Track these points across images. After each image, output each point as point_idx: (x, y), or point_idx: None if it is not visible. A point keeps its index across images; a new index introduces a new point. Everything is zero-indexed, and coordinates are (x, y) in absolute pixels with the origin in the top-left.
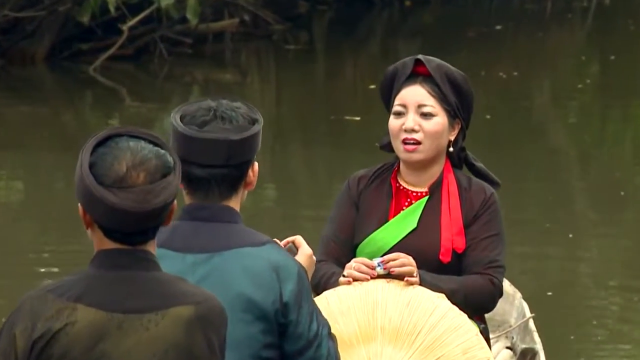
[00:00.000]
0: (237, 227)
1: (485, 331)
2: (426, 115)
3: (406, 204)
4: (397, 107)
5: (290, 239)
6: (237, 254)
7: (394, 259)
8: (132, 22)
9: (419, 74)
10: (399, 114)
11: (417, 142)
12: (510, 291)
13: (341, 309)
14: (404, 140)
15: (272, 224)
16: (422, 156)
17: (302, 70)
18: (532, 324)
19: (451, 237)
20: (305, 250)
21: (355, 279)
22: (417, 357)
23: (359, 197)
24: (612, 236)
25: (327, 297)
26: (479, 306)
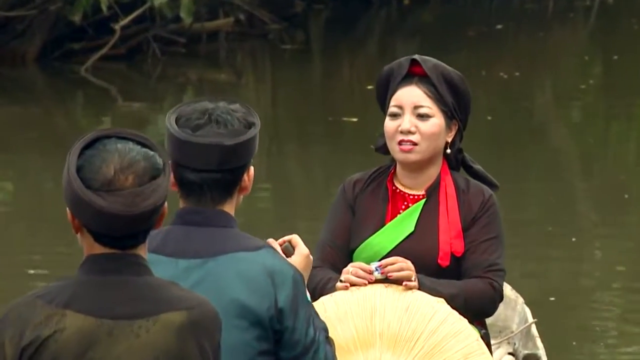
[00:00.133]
0: (232, 231)
1: (486, 336)
2: (423, 116)
3: (403, 207)
4: (392, 108)
5: (286, 238)
6: (232, 259)
7: (392, 263)
8: (125, 21)
9: (415, 74)
10: (395, 115)
11: (414, 144)
12: (512, 296)
13: (338, 315)
14: (400, 141)
15: (268, 227)
16: (419, 157)
17: (299, 70)
18: (534, 330)
19: (449, 240)
20: (302, 250)
21: (352, 284)
22: None
23: (354, 201)
24: (616, 240)
25: (324, 303)
26: (479, 311)
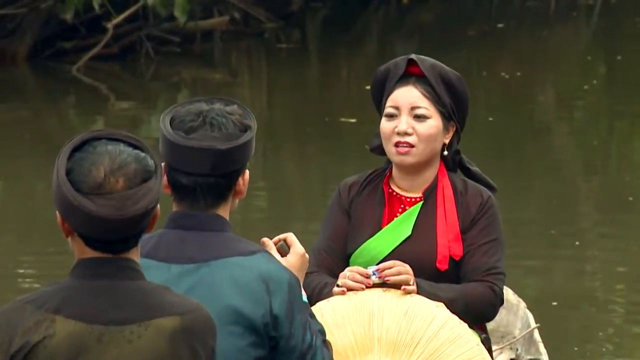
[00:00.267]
0: (226, 235)
1: (486, 341)
2: (420, 117)
3: (400, 210)
4: (389, 109)
5: (281, 236)
6: (225, 264)
7: (390, 267)
8: (118, 19)
9: (412, 74)
10: (391, 116)
11: (411, 146)
12: (514, 301)
13: (336, 321)
14: (397, 143)
15: (263, 231)
16: (415, 159)
17: (295, 70)
18: (537, 335)
19: (448, 243)
20: (297, 248)
21: (349, 289)
22: None
23: (350, 205)
24: (620, 243)
25: (321, 308)
26: (479, 315)
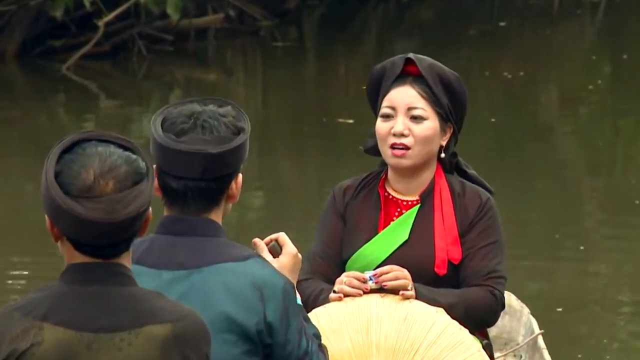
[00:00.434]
0: (218, 240)
1: (488, 347)
2: (416, 118)
3: (396, 214)
4: (385, 109)
5: (273, 236)
6: (218, 270)
7: (387, 272)
8: (109, 17)
9: (409, 73)
10: (387, 117)
11: (407, 147)
12: (517, 307)
13: (332, 327)
14: (393, 145)
15: (259, 232)
16: (411, 162)
17: (291, 69)
18: (541, 341)
19: (446, 247)
20: (289, 249)
21: (346, 295)
22: None
23: (345, 209)
24: (626, 247)
25: (317, 315)
26: (480, 320)
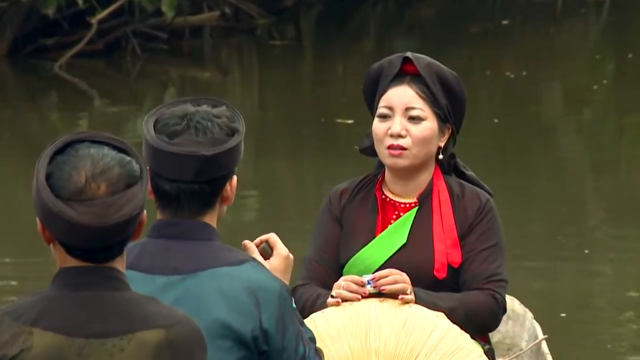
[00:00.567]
0: (212, 244)
1: (490, 352)
2: (414, 119)
3: (394, 217)
4: (382, 109)
5: (263, 237)
6: (212, 275)
7: (385, 276)
8: (102, 14)
9: (407, 73)
10: (385, 117)
11: (404, 148)
12: (520, 311)
13: (330, 333)
14: (390, 145)
15: (255, 234)
16: (409, 162)
17: (289, 68)
18: (545, 347)
19: (445, 250)
20: (280, 250)
21: (344, 299)
22: None
23: (341, 213)
24: (631, 251)
25: (315, 320)
26: (481, 325)
